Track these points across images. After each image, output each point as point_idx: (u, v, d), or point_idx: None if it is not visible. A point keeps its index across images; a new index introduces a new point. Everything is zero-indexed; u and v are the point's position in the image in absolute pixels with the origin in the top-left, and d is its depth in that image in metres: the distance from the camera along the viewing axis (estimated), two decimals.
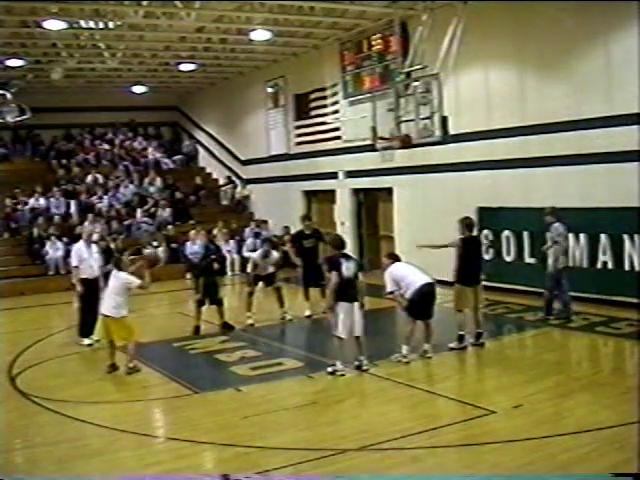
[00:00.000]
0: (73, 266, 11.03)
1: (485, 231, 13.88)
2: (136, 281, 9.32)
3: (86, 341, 10.84)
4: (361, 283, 8.96)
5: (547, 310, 11.27)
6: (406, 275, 9.14)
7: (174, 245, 19.16)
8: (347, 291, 8.65)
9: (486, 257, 13.86)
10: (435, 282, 9.33)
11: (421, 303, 9.08)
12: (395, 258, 9.52)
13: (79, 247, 11.06)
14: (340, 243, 9.06)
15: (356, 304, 8.72)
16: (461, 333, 9.65)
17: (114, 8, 13.90)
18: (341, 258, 8.75)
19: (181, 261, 18.07)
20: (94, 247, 11.22)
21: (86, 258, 10.90)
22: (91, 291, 10.71)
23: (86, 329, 10.83)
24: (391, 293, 9.19)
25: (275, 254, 12.33)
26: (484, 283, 10.01)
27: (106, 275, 10.13)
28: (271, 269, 12.18)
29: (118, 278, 9.28)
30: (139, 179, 22.71)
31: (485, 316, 11.75)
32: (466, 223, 9.86)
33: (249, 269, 12.44)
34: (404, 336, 9.19)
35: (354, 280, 8.76)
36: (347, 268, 8.65)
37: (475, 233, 10.03)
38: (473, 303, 9.75)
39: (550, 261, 11.14)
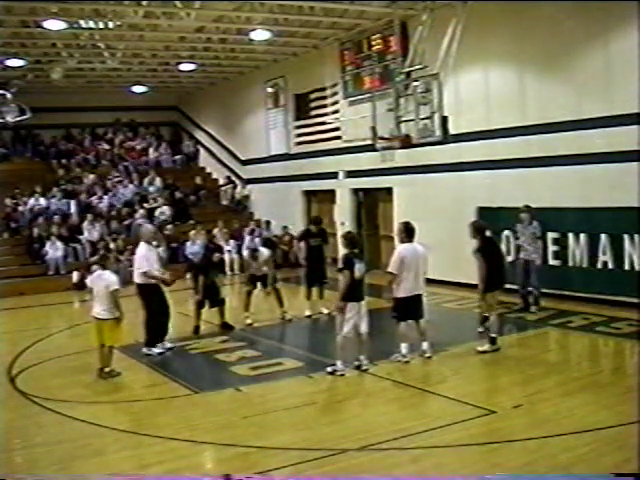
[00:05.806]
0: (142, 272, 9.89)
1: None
2: (115, 285, 8.77)
3: (167, 344, 10.34)
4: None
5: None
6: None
7: (174, 245, 19.16)
8: (356, 291, 8.66)
9: None
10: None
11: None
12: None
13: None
14: (354, 242, 9.04)
15: (363, 303, 8.75)
16: (493, 336, 9.48)
17: (114, 8, 13.89)
18: (354, 258, 8.74)
19: (181, 261, 18.09)
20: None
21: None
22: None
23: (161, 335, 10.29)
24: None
25: (265, 252, 12.16)
26: None
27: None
28: (265, 269, 12.04)
29: (101, 279, 8.94)
30: (139, 179, 22.71)
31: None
32: (474, 227, 9.87)
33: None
34: (401, 335, 9.20)
35: (362, 280, 8.80)
36: (359, 269, 8.66)
37: (488, 234, 9.94)
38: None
39: (536, 255, 11.80)
